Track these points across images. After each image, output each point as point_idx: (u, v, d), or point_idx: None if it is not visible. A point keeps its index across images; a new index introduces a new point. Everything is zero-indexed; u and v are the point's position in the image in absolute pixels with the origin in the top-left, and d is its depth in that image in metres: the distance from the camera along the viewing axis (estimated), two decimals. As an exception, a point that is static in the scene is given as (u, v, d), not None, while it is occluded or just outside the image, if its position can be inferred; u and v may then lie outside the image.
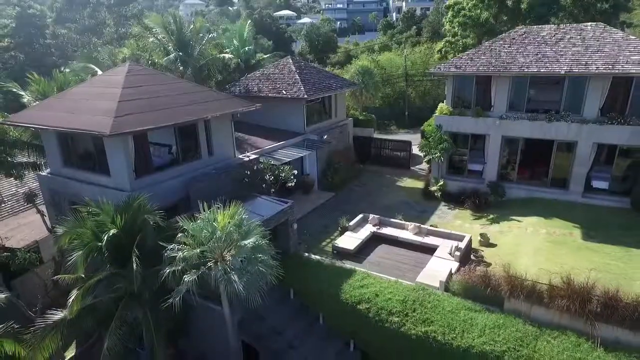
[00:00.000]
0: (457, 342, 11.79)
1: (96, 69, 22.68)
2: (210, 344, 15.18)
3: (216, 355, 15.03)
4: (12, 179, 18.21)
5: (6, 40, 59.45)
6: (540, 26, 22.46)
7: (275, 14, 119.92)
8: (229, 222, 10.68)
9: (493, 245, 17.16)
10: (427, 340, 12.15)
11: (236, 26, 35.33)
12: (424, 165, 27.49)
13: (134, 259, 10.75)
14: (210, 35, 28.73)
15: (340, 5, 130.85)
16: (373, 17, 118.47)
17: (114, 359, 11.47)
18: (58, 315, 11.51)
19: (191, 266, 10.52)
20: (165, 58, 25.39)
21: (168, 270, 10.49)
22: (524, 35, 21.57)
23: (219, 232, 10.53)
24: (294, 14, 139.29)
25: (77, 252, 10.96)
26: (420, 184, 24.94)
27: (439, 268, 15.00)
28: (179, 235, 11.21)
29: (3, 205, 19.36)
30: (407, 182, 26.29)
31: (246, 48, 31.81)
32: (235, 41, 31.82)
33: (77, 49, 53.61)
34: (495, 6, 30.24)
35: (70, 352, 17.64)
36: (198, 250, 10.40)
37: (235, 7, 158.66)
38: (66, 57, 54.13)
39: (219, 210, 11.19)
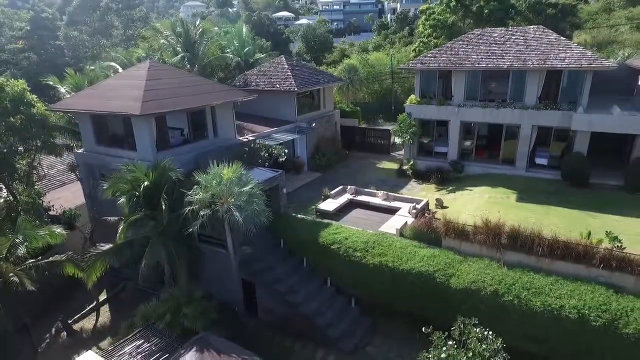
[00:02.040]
0: (402, 266, 15.78)
1: (117, 66, 26.72)
2: (216, 284, 19.15)
3: (222, 292, 18.99)
4: (54, 156, 22.20)
5: (20, 42, 63.66)
6: (493, 29, 26.50)
7: (273, 15, 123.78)
8: (232, 175, 14.68)
9: (445, 207, 21.14)
10: (381, 267, 16.14)
11: (236, 28, 39.34)
12: (403, 151, 31.43)
13: (162, 202, 14.76)
14: (213, 37, 32.76)
15: (337, 7, 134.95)
16: (369, 18, 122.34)
17: (138, 295, 15.50)
18: (105, 246, 15.54)
19: (204, 206, 14.52)
20: (174, 57, 29.41)
21: (188, 209, 14.50)
22: (479, 36, 25.57)
23: (224, 181, 14.53)
24: (292, 15, 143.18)
25: (121, 197, 14.98)
26: (396, 166, 28.89)
27: (398, 222, 19.00)
28: (195, 187, 15.21)
29: (48, 178, 23.37)
30: (386, 165, 30.22)
31: (246, 49, 35.80)
32: (235, 42, 35.86)
33: (88, 49, 57.72)
34: (462, 11, 34.36)
35: (103, 296, 21.71)
36: (209, 194, 14.41)
37: (234, 9, 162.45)
38: (78, 58, 58.24)
39: (224, 168, 15.21)
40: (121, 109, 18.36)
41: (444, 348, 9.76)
